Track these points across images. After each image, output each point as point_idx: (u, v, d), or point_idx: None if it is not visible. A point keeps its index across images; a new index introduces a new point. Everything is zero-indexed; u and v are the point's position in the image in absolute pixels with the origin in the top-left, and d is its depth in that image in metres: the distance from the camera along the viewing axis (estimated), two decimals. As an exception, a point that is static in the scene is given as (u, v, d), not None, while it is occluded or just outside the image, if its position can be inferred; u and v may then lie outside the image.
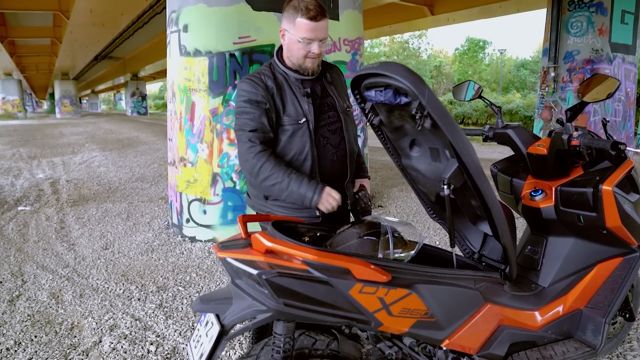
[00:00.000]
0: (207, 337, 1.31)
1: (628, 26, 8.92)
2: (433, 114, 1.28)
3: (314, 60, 1.72)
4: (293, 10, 1.65)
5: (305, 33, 1.64)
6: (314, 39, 1.65)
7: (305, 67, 1.74)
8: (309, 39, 1.65)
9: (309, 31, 1.63)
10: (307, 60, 1.71)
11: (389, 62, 1.36)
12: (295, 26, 1.65)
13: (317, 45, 1.67)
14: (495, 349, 1.55)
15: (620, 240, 1.76)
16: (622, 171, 1.71)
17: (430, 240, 4.24)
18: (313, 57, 1.70)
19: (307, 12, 1.62)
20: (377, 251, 1.41)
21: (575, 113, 1.77)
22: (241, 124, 1.73)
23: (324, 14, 1.65)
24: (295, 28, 1.65)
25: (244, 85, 1.73)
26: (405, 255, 1.45)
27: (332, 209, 1.66)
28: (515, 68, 40.31)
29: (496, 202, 1.43)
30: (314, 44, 1.66)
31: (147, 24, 15.28)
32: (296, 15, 1.64)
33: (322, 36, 1.67)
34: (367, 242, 1.41)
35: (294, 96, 1.74)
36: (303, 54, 1.69)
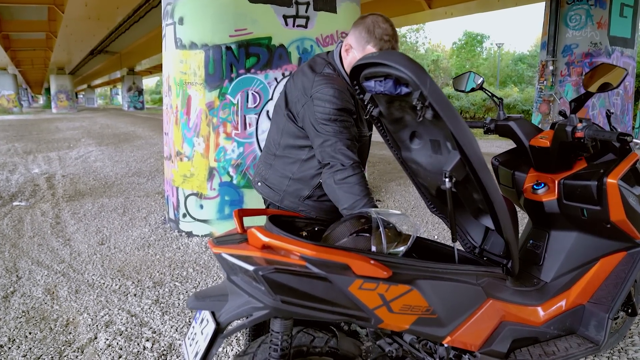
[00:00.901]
0: (202, 335, 1.27)
1: (627, 19, 8.88)
2: (435, 105, 1.24)
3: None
4: (366, 34, 1.60)
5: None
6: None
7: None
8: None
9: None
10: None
11: (389, 51, 1.32)
12: (364, 51, 1.60)
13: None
14: (497, 346, 1.52)
15: (624, 234, 1.73)
16: (627, 164, 1.68)
17: (429, 235, 4.21)
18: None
19: (379, 43, 1.59)
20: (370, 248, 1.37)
21: (580, 104, 1.73)
22: (335, 131, 1.63)
23: (395, 44, 1.62)
24: (363, 52, 1.60)
25: (334, 92, 1.63)
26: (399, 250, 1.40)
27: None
28: (513, 62, 40.23)
29: (499, 196, 1.39)
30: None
31: (143, 18, 15.14)
32: (369, 42, 1.60)
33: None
34: (360, 240, 1.36)
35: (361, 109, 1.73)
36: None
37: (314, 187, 1.80)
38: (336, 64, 1.74)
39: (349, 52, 1.67)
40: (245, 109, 3.95)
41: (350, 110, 1.65)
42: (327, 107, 1.62)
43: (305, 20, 4.29)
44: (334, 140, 1.62)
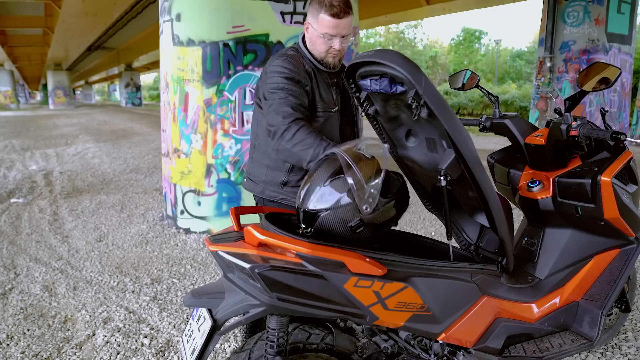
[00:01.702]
0: (199, 332, 1.28)
1: (624, 16, 8.88)
2: (430, 103, 1.25)
3: (335, 55, 1.73)
4: (318, 5, 1.66)
5: (327, 29, 1.65)
6: (336, 35, 1.66)
7: (326, 62, 1.75)
8: (330, 35, 1.65)
9: (331, 27, 1.64)
10: (328, 55, 1.73)
11: (384, 49, 1.33)
12: (319, 22, 1.65)
13: (339, 41, 1.68)
14: (491, 342, 1.53)
15: (618, 231, 1.75)
16: (620, 162, 1.69)
17: (426, 232, 4.23)
18: (334, 52, 1.71)
19: (330, 9, 1.62)
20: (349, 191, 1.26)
21: (574, 103, 1.74)
22: (281, 98, 1.63)
23: (347, 11, 1.64)
24: (319, 23, 1.66)
25: (284, 62, 1.67)
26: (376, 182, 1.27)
27: None
28: (510, 58, 40.25)
29: (494, 194, 1.41)
30: (335, 40, 1.67)
31: (140, 13, 15.09)
32: (320, 11, 1.64)
33: (344, 33, 1.67)
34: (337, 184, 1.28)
35: (325, 85, 1.76)
36: (325, 49, 1.70)
37: (287, 172, 1.80)
38: (300, 46, 1.79)
39: (308, 29, 1.73)
40: (242, 106, 3.95)
41: (298, 81, 1.67)
42: (276, 77, 1.67)
43: (303, 16, 4.29)
44: (277, 104, 1.63)
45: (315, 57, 1.76)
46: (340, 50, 1.71)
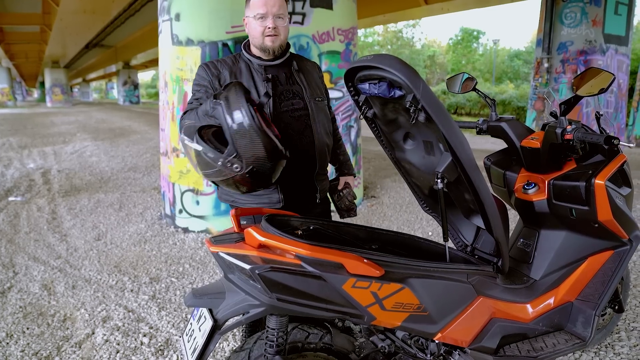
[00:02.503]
0: (200, 331, 1.31)
1: (621, 17, 8.94)
2: (427, 108, 1.28)
3: (273, 38, 1.72)
4: None
5: (257, 9, 1.68)
6: (267, 14, 1.68)
7: (265, 46, 1.73)
8: (261, 13, 1.68)
9: (261, 6, 1.68)
10: (265, 38, 1.72)
11: (383, 54, 1.35)
12: (250, 7, 1.71)
13: (272, 19, 1.69)
14: (487, 342, 1.56)
15: (611, 233, 1.78)
16: (614, 165, 1.72)
17: (424, 232, 4.26)
18: (270, 33, 1.70)
19: None
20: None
21: (569, 107, 1.76)
22: (189, 104, 1.76)
23: None
24: (250, 7, 1.71)
25: (199, 70, 1.79)
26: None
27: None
28: (508, 58, 40.30)
29: (489, 196, 1.43)
30: (267, 19, 1.69)
31: (138, 11, 15.06)
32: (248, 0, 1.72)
33: (275, 11, 1.69)
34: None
35: (252, 82, 1.76)
36: (260, 31, 1.71)
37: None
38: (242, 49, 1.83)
39: (246, 22, 1.76)
40: (241, 106, 3.96)
41: (204, 86, 1.74)
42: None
43: (302, 17, 4.31)
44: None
45: (256, 52, 1.77)
46: (276, 30, 1.70)
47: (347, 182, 2.01)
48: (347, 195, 1.94)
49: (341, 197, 1.94)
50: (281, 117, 1.76)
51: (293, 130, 1.78)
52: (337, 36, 4.62)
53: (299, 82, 1.82)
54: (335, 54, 4.61)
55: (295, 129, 1.78)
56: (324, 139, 1.85)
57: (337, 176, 2.06)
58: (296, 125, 1.79)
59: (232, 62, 1.79)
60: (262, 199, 1.78)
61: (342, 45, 4.66)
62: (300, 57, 1.92)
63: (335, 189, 1.99)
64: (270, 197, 1.78)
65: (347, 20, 4.71)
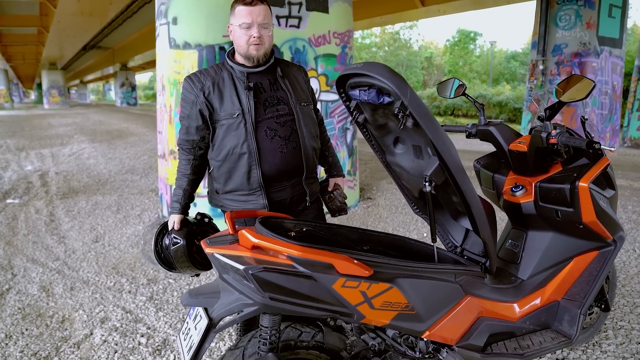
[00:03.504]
0: (195, 330, 1.35)
1: (615, 20, 9.01)
2: (414, 114, 1.33)
3: (257, 46, 1.74)
4: (234, 3, 1.74)
5: (242, 18, 1.70)
6: (252, 23, 1.70)
7: (250, 55, 1.76)
8: (247, 23, 1.70)
9: (246, 15, 1.70)
10: (250, 47, 1.74)
11: (372, 62, 1.40)
12: (235, 14, 1.73)
13: (257, 29, 1.70)
14: (474, 340, 1.61)
15: (596, 234, 1.83)
16: (598, 168, 1.77)
17: (419, 233, 4.31)
18: (255, 42, 1.72)
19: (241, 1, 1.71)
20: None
21: (554, 112, 1.82)
22: (179, 119, 1.87)
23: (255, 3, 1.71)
24: (235, 16, 1.73)
25: (184, 83, 1.83)
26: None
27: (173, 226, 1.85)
28: (505, 60, 40.48)
29: (476, 199, 1.48)
30: (253, 29, 1.71)
31: (136, 13, 15.09)
32: (235, 6, 1.73)
33: (260, 20, 1.71)
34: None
35: (234, 90, 1.78)
36: (245, 39, 1.73)
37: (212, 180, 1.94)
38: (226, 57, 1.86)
39: (231, 30, 1.78)
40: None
41: (191, 101, 1.80)
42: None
43: (298, 20, 4.36)
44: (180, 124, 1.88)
45: (241, 59, 1.80)
46: (261, 39, 1.73)
47: (336, 183, 2.05)
48: (337, 196, 1.98)
49: (332, 198, 1.99)
50: (266, 123, 1.78)
51: (279, 136, 1.80)
52: (333, 39, 4.67)
53: (284, 87, 1.84)
54: (331, 57, 4.66)
55: (281, 135, 1.81)
56: (311, 142, 1.87)
57: (326, 177, 2.09)
58: (282, 131, 1.81)
59: (214, 72, 1.81)
60: (249, 205, 1.84)
61: (338, 48, 4.72)
62: (285, 62, 1.95)
63: (325, 190, 2.03)
64: (256, 203, 1.83)
65: (343, 24, 4.76)
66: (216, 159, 1.83)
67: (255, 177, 1.79)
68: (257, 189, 1.81)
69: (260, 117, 1.78)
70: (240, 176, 1.80)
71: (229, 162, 1.80)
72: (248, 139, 1.76)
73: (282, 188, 1.85)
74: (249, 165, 1.78)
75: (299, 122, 1.83)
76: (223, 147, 1.79)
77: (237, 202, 1.86)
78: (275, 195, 1.85)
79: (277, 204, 1.86)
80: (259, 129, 1.77)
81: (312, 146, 1.88)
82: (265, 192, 1.81)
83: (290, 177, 1.85)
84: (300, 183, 1.88)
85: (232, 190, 1.85)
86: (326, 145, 2.09)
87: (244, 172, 1.79)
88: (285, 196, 1.87)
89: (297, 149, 1.83)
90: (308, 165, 1.88)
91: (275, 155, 1.80)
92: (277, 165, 1.81)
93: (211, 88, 1.77)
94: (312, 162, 1.90)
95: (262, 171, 1.79)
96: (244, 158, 1.77)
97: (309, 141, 1.86)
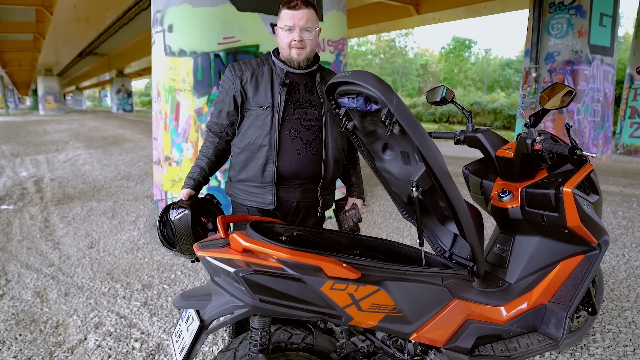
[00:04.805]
0: (187, 331, 1.38)
1: (606, 29, 9.15)
2: (401, 121, 1.37)
3: (298, 50, 1.79)
4: (281, 5, 1.80)
5: (286, 21, 1.76)
6: (294, 27, 1.75)
7: (290, 58, 1.81)
8: (289, 26, 1.75)
9: (289, 19, 1.75)
10: (292, 50, 1.79)
11: (360, 71, 1.44)
12: (280, 17, 1.80)
13: (298, 33, 1.75)
14: (462, 342, 1.64)
15: (581, 238, 1.87)
16: (582, 174, 1.82)
17: (412, 239, 4.34)
18: (296, 46, 1.77)
19: (288, 3, 1.76)
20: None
21: (538, 119, 1.87)
22: (214, 102, 1.95)
23: (305, 3, 1.75)
24: (280, 19, 1.80)
25: (226, 71, 1.91)
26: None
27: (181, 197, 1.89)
28: (500, 67, 40.82)
29: (462, 204, 1.52)
30: (294, 32, 1.76)
31: (132, 20, 15.16)
32: (282, 9, 1.79)
33: (302, 24, 1.75)
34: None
35: (270, 84, 1.83)
36: (287, 42, 1.78)
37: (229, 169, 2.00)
38: (271, 53, 1.92)
39: (277, 32, 1.84)
40: (232, 116, 4.05)
41: (227, 87, 1.87)
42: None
43: (293, 28, 4.42)
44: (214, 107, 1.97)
45: (283, 57, 1.85)
46: (302, 42, 1.77)
47: (355, 203, 2.04)
48: (352, 216, 1.96)
49: (346, 218, 1.97)
50: (292, 123, 1.83)
51: (302, 138, 1.84)
52: (328, 47, 4.74)
53: (319, 93, 1.88)
54: (325, 64, 4.71)
55: (303, 138, 1.85)
56: (334, 153, 1.89)
57: (345, 196, 2.09)
58: (305, 134, 1.85)
59: (256, 65, 1.88)
60: (257, 198, 1.88)
61: (332, 55, 4.78)
62: (327, 70, 1.99)
63: (342, 208, 2.03)
64: (264, 198, 1.87)
65: (337, 32, 4.83)
66: (238, 145, 1.89)
67: (270, 171, 1.83)
68: (269, 183, 1.85)
69: (287, 115, 1.83)
70: (255, 167, 1.84)
71: (248, 151, 1.85)
72: (272, 133, 1.80)
73: (292, 189, 1.88)
74: (266, 158, 1.82)
75: (326, 130, 1.87)
76: (246, 136, 1.85)
77: (247, 193, 1.90)
78: (284, 195, 1.87)
79: (284, 204, 1.88)
80: (284, 126, 1.82)
81: (334, 157, 1.90)
82: (275, 189, 1.85)
83: (303, 181, 1.87)
84: (315, 191, 1.90)
85: (244, 180, 1.89)
86: (353, 164, 2.11)
87: (260, 164, 1.83)
88: (293, 198, 1.88)
89: (317, 155, 1.86)
90: (326, 174, 1.89)
91: (293, 156, 1.84)
92: (293, 166, 1.84)
93: (249, 78, 1.84)
94: (331, 173, 1.91)
95: (278, 167, 1.83)
96: (263, 150, 1.82)
97: (332, 151, 1.88)
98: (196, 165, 1.93)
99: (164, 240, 1.81)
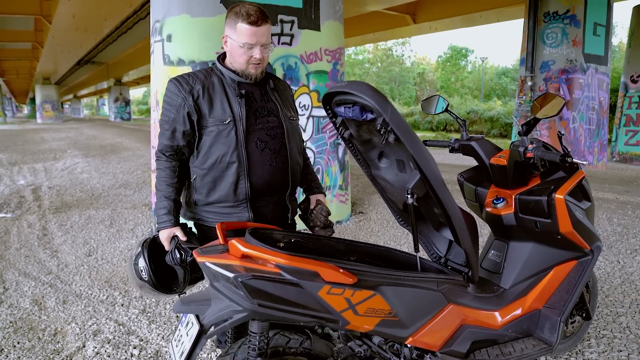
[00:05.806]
0: (187, 336, 1.40)
1: (600, 38, 9.28)
2: (396, 130, 1.40)
3: (257, 66, 1.72)
4: (234, 16, 1.66)
5: (246, 38, 1.65)
6: (255, 44, 1.66)
7: (248, 73, 1.73)
8: (250, 44, 1.66)
9: (250, 36, 1.64)
10: (250, 66, 1.71)
11: (356, 81, 1.48)
12: (237, 32, 1.66)
13: (259, 50, 1.68)
14: (457, 347, 1.67)
15: (573, 244, 1.91)
16: (573, 181, 1.86)
17: (409, 246, 4.37)
18: (255, 62, 1.70)
19: (247, 17, 1.63)
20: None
21: (530, 128, 1.91)
22: (161, 122, 1.78)
23: (265, 19, 1.66)
24: (237, 34, 1.66)
25: (169, 85, 1.74)
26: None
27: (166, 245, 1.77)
28: (496, 76, 41.14)
29: (456, 210, 1.55)
30: (255, 49, 1.67)
31: (130, 29, 15.26)
32: (237, 21, 1.65)
33: (263, 41, 1.67)
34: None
35: (225, 97, 1.73)
36: (245, 59, 1.69)
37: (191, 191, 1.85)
38: (216, 62, 1.81)
39: (227, 42, 1.72)
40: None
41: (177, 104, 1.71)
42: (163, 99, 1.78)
43: (290, 38, 4.48)
44: (160, 130, 1.79)
45: (236, 69, 1.74)
46: (262, 60, 1.70)
47: (318, 199, 1.99)
48: (320, 211, 1.91)
49: (315, 215, 1.91)
50: (257, 134, 1.75)
51: (270, 148, 1.77)
52: (325, 56, 4.79)
53: (274, 100, 1.82)
54: (322, 73, 4.78)
55: (271, 148, 1.78)
56: (297, 158, 1.87)
57: (306, 196, 2.03)
58: (272, 143, 1.78)
59: (204, 77, 1.75)
60: (232, 217, 1.78)
61: (329, 65, 4.84)
62: (274, 76, 1.93)
63: (307, 210, 1.97)
64: (240, 216, 1.78)
65: (334, 41, 4.89)
66: (201, 167, 1.76)
67: (243, 188, 1.74)
68: (243, 201, 1.76)
69: (251, 126, 1.74)
70: (226, 186, 1.74)
71: (216, 171, 1.74)
72: (239, 148, 1.71)
73: (266, 203, 1.82)
74: (237, 176, 1.73)
75: (288, 137, 1.81)
76: (210, 155, 1.73)
77: (219, 214, 1.79)
78: (260, 210, 1.81)
79: (260, 219, 1.81)
80: (250, 139, 1.73)
81: (297, 162, 1.87)
82: (250, 205, 1.77)
83: (275, 192, 1.82)
84: (284, 199, 1.87)
85: (215, 202, 1.78)
86: (306, 163, 2.03)
87: (231, 182, 1.73)
88: (268, 212, 1.83)
89: (285, 163, 1.81)
90: (294, 180, 1.87)
91: (265, 168, 1.76)
92: (265, 178, 1.77)
93: (201, 92, 1.71)
94: (296, 179, 1.89)
95: (251, 183, 1.75)
96: (232, 167, 1.72)
97: (295, 157, 1.85)
98: (166, 199, 1.77)
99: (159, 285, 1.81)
